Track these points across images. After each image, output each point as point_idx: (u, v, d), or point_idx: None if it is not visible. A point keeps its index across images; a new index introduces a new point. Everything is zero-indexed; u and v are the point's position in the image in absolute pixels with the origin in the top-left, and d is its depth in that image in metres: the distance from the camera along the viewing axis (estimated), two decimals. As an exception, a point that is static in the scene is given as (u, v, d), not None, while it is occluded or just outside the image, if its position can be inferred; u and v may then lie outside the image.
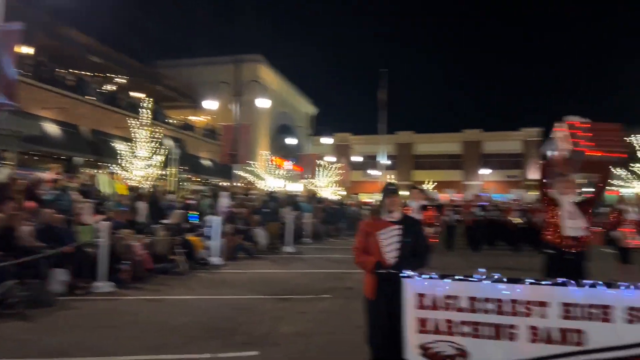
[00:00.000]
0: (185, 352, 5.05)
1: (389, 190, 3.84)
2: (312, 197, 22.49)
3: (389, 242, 3.74)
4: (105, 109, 23.31)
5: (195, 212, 12.96)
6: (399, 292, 3.61)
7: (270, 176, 30.65)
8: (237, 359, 4.88)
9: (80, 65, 24.74)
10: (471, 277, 3.55)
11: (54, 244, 7.39)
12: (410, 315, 3.58)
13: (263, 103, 23.03)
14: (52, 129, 19.11)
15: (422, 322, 3.56)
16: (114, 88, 27.03)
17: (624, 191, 28.39)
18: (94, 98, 22.80)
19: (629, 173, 28.11)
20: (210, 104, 22.85)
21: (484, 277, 3.53)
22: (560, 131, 5.09)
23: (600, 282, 3.37)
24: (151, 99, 18.40)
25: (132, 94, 29.51)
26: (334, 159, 43.98)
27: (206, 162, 31.90)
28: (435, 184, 48.39)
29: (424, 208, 9.00)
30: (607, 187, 4.77)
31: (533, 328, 3.35)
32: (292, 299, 7.82)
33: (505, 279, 3.51)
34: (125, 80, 29.06)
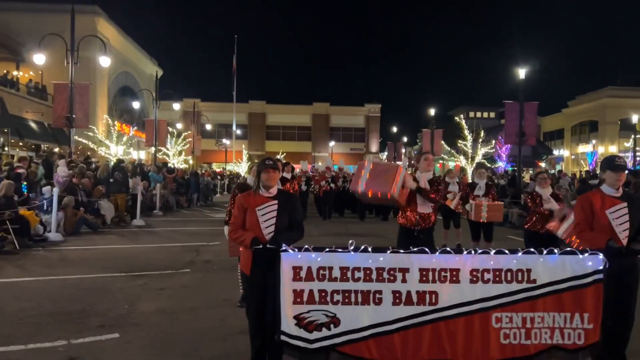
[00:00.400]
0: (35, 341, 4.49)
1: (267, 165, 3.83)
2: (162, 166, 21.32)
3: (267, 218, 3.77)
4: None
5: (24, 183, 11.37)
6: (275, 266, 3.68)
7: (112, 143, 28.16)
8: (97, 344, 4.50)
9: None
10: (342, 249, 3.77)
11: None
12: (286, 287, 3.69)
13: (103, 61, 20.81)
14: None
15: (297, 293, 3.70)
16: None
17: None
18: None
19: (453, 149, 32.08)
20: (38, 58, 19.91)
21: (352, 248, 3.79)
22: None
23: (449, 249, 3.87)
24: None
25: None
26: (181, 126, 42.15)
27: (33, 125, 27.93)
28: (285, 154, 49.65)
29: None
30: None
31: (396, 292, 3.71)
32: (148, 275, 7.43)
33: (370, 249, 3.80)
34: None
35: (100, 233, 11.75)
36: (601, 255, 3.64)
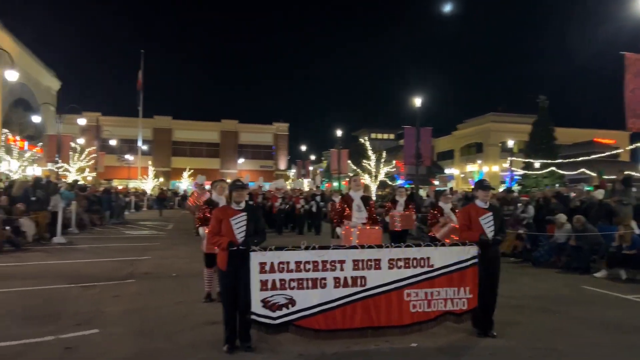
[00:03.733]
0: (25, 338, 5.14)
1: (238, 186, 5.02)
2: (74, 184, 20.87)
3: (239, 226, 4.93)
4: None
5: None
6: (245, 263, 4.85)
7: (13, 159, 26.65)
8: (83, 337, 5.26)
9: None
10: (295, 248, 5.05)
11: None
12: (255, 278, 4.87)
13: (10, 75, 20.03)
14: None
15: (263, 282, 4.89)
16: None
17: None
18: None
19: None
20: None
21: (303, 247, 5.07)
22: None
23: (374, 245, 5.32)
24: None
25: None
26: (83, 141, 40.44)
27: None
28: (192, 171, 49.37)
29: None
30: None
31: (336, 278, 5.05)
32: (98, 286, 8.04)
33: (316, 247, 5.12)
34: None
35: (24, 250, 11.75)
36: (475, 246, 5.32)
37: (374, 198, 23.06)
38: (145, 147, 52.05)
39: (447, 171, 55.84)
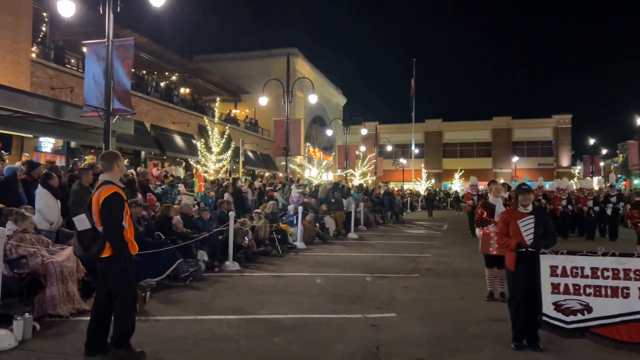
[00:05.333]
0: (340, 313, 6.42)
1: (523, 190, 5.12)
2: (360, 187, 23.76)
3: (527, 228, 5.02)
4: (164, 105, 24.93)
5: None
6: (535, 265, 4.90)
7: (313, 167, 32.02)
8: (384, 319, 6.21)
9: (135, 64, 26.21)
10: (590, 253, 4.82)
11: (193, 229, 8.87)
12: (545, 281, 4.87)
13: (312, 99, 24.31)
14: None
15: (555, 286, 4.85)
16: (164, 84, 28.53)
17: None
18: (156, 95, 24.40)
19: None
20: (262, 100, 24.19)
21: (600, 253, 4.80)
22: None
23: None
24: (217, 98, 19.82)
25: (181, 89, 31.21)
26: (364, 149, 45.18)
27: (250, 154, 33.42)
28: (463, 171, 49.32)
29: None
30: None
31: (642, 289, 4.60)
32: (388, 277, 9.15)
33: (617, 253, 4.76)
34: (174, 77, 30.68)
35: (329, 243, 14.18)
36: None
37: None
38: (417, 151, 54.82)
39: None
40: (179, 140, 25.01)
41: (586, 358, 4.71)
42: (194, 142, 19.97)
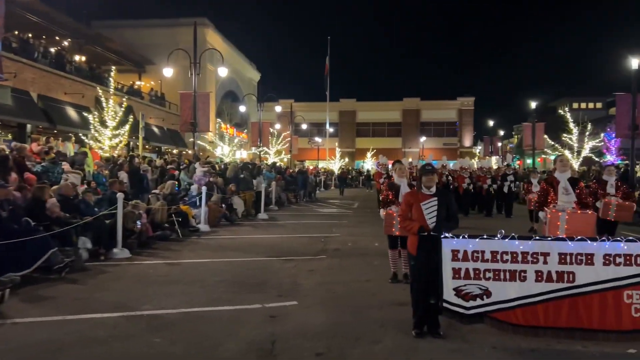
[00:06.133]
0: (237, 304, 5.89)
1: (427, 170, 4.87)
2: (273, 166, 23.20)
3: (430, 211, 4.79)
4: (54, 74, 22.40)
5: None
6: (436, 249, 4.69)
7: (224, 144, 30.83)
8: (283, 308, 5.78)
9: (19, 26, 23.25)
10: (492, 237, 4.70)
11: (74, 213, 7.81)
12: (447, 266, 4.69)
13: (222, 72, 23.09)
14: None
15: (456, 270, 4.68)
16: (55, 50, 25.64)
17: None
18: (45, 61, 21.83)
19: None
20: (166, 71, 22.58)
21: (501, 237, 4.69)
22: None
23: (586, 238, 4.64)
24: (113, 67, 18.04)
25: (76, 57, 28.32)
26: (279, 127, 44.53)
27: (156, 130, 31.40)
28: (375, 150, 50.51)
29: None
30: None
31: (538, 271, 4.56)
32: (295, 260, 8.77)
33: (515, 236, 4.68)
34: (67, 43, 27.73)
35: (236, 225, 13.53)
36: None
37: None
38: (332, 130, 55.13)
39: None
40: (72, 112, 22.67)
41: (486, 342, 4.62)
42: (86, 115, 18.06)
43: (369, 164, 51.12)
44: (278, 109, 34.95)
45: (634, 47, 19.85)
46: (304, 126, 50.45)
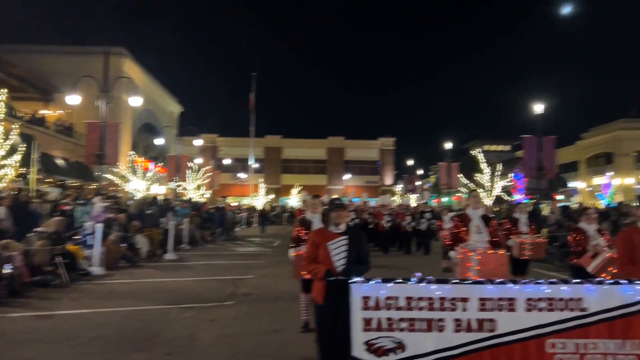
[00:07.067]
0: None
1: (337, 205, 4.26)
2: (188, 201, 21.88)
3: (338, 252, 4.16)
4: None
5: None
6: (345, 296, 4.04)
7: (138, 178, 28.92)
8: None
9: None
10: (407, 280, 4.13)
11: None
12: (357, 316, 4.03)
13: (134, 101, 21.69)
14: None
15: (367, 321, 4.04)
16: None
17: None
18: None
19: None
20: (73, 99, 20.81)
21: (416, 280, 4.14)
22: None
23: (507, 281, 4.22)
24: (4, 90, 16.17)
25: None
26: (200, 161, 43.00)
27: (61, 162, 28.83)
28: (301, 187, 50.22)
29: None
30: None
31: (457, 320, 4.04)
32: (196, 307, 7.78)
33: (434, 280, 4.16)
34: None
35: (138, 267, 12.16)
36: (648, 285, 3.96)
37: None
38: (257, 165, 54.31)
39: (571, 185, 50.39)
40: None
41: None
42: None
43: (293, 200, 50.61)
44: (198, 142, 33.59)
45: (537, 94, 21.26)
46: (228, 161, 49.20)
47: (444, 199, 44.44)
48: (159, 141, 33.48)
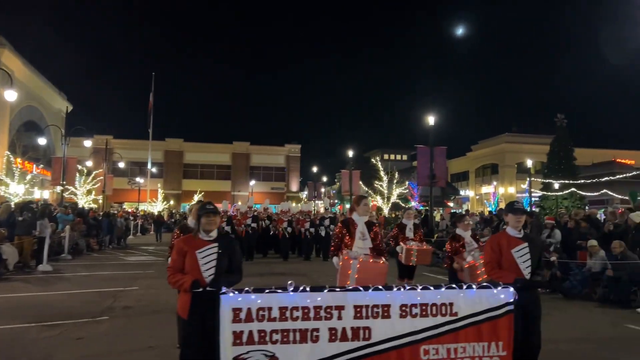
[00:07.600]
0: None
1: (208, 210, 3.92)
2: (73, 207, 20.05)
3: (207, 261, 3.83)
4: None
5: None
6: (214, 309, 3.72)
7: (14, 181, 26.02)
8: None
9: None
10: (281, 289, 3.91)
11: None
12: (226, 329, 3.73)
13: (9, 95, 19.45)
14: None
15: (237, 334, 3.74)
16: None
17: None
18: None
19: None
20: None
21: (292, 288, 3.93)
22: None
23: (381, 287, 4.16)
24: None
25: None
26: (91, 164, 40.00)
27: None
28: (203, 193, 48.60)
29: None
30: None
31: (332, 329, 3.89)
32: (63, 325, 6.95)
33: (308, 288, 3.98)
34: None
35: (4, 279, 10.76)
36: (512, 288, 4.11)
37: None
38: (155, 170, 51.62)
39: (462, 193, 54.28)
40: None
41: None
42: None
43: (195, 207, 48.75)
44: (88, 143, 31.01)
45: (433, 107, 22.44)
46: (122, 165, 46.18)
47: (347, 206, 45.48)
48: (41, 141, 30.43)
